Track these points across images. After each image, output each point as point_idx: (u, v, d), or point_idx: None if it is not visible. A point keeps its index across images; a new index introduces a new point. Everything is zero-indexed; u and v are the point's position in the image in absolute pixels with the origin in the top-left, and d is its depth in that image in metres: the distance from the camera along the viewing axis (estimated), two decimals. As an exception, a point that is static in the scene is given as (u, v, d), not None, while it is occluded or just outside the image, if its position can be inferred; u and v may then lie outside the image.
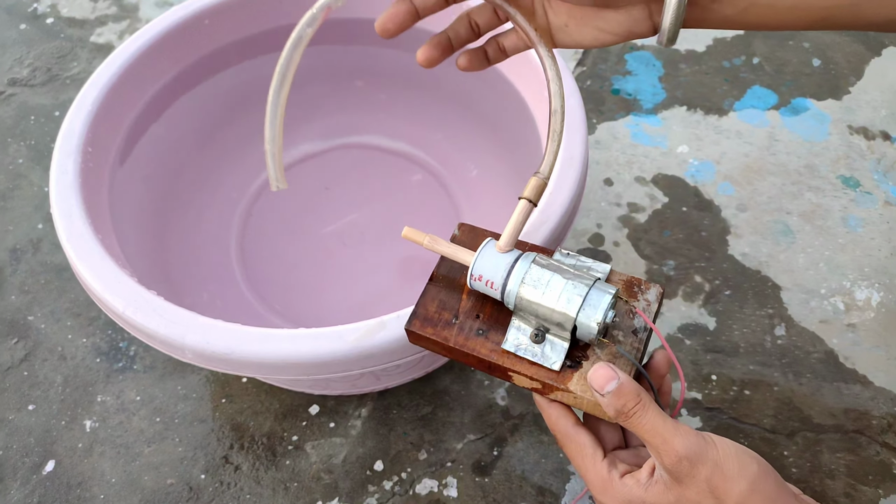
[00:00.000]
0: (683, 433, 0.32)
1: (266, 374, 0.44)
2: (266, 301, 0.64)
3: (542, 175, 0.38)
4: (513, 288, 0.36)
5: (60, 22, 0.91)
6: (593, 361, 0.36)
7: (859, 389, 0.61)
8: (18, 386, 0.63)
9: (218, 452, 0.59)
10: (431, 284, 0.40)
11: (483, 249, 0.37)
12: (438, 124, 0.71)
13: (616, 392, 0.33)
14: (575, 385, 0.35)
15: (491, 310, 0.38)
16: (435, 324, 0.38)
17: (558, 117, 0.38)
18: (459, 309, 0.38)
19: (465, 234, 0.41)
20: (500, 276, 0.36)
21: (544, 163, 0.38)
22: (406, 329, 0.38)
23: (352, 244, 0.67)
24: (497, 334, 0.37)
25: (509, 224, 0.37)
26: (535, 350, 0.36)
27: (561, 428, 0.36)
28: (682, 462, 0.32)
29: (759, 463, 0.33)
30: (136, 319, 0.42)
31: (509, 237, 0.37)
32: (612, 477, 0.35)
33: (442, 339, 0.38)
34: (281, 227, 0.69)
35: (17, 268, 0.70)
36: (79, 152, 0.50)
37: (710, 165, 0.75)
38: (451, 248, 0.38)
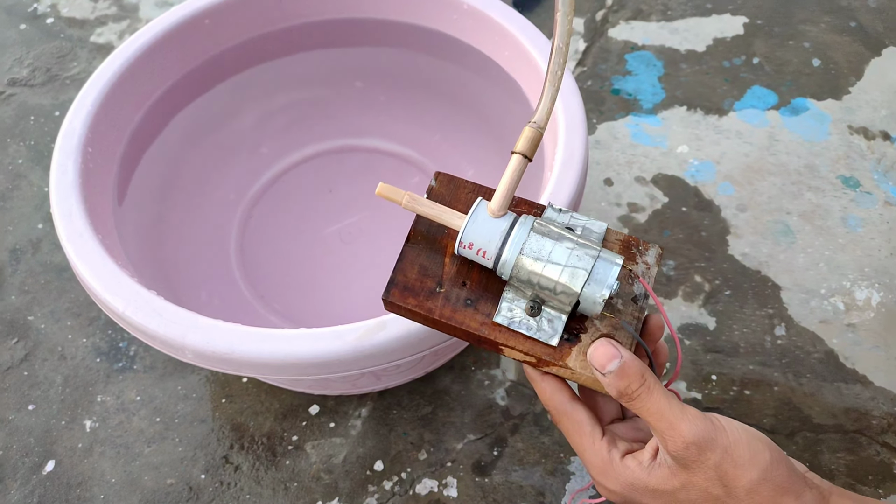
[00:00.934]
0: (691, 417, 0.30)
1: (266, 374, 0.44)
2: (265, 301, 0.64)
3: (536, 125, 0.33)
4: (509, 258, 0.32)
5: (60, 22, 0.91)
6: (592, 334, 0.33)
7: (859, 389, 0.61)
8: (18, 386, 0.63)
9: (218, 452, 0.59)
10: (409, 246, 0.35)
11: (474, 214, 0.32)
12: (437, 124, 0.71)
13: (619, 372, 0.31)
14: (573, 361, 0.33)
15: (478, 276, 0.34)
16: (417, 293, 0.34)
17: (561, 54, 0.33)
18: (443, 275, 0.34)
19: (442, 185, 0.36)
20: (495, 244, 0.32)
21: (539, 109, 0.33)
22: (384, 300, 0.34)
23: (351, 244, 0.67)
24: (487, 304, 0.34)
25: (502, 183, 0.33)
26: (530, 323, 0.33)
27: (556, 404, 0.34)
28: (690, 448, 0.30)
29: (771, 450, 0.31)
30: (136, 319, 0.42)
31: (503, 199, 0.32)
32: (613, 457, 0.33)
33: (426, 311, 0.33)
34: (280, 228, 0.69)
35: (17, 268, 0.70)
36: (79, 152, 0.50)
37: (710, 165, 0.75)
38: (434, 210, 0.34)
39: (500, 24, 0.56)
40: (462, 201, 0.36)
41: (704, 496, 0.31)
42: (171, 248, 0.61)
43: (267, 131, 0.71)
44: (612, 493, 0.33)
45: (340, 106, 0.71)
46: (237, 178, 0.70)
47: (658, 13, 0.89)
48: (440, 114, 0.70)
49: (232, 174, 0.70)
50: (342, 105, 0.71)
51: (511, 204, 0.35)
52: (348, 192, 0.71)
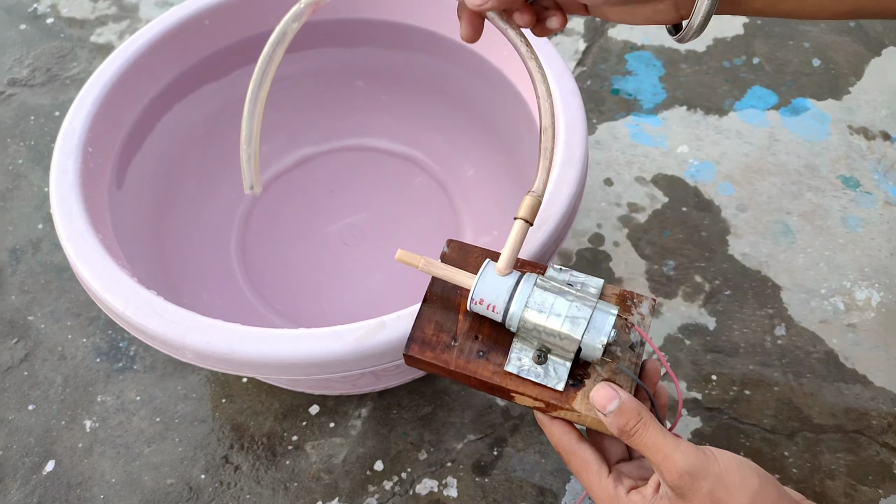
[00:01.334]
0: (684, 449, 0.33)
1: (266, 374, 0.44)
2: (266, 301, 0.64)
3: (535, 193, 0.38)
4: (516, 311, 0.35)
5: (60, 22, 0.91)
6: (595, 379, 0.36)
7: (859, 389, 0.61)
8: (18, 386, 0.63)
9: (218, 452, 0.59)
10: (426, 305, 0.39)
11: (483, 273, 0.36)
12: (438, 125, 0.71)
13: (618, 411, 0.33)
14: (579, 404, 0.36)
15: (490, 330, 0.38)
16: (434, 347, 0.37)
17: (549, 134, 0.38)
18: (458, 330, 0.38)
19: (454, 251, 0.41)
20: (503, 300, 0.36)
21: (537, 181, 0.38)
22: (405, 354, 0.38)
23: (353, 245, 0.67)
24: (498, 355, 0.37)
25: (507, 246, 0.37)
26: (538, 371, 0.36)
27: (565, 445, 0.37)
28: (684, 477, 0.32)
29: (759, 475, 0.33)
30: (136, 319, 0.42)
31: (508, 259, 0.37)
32: (619, 493, 0.35)
33: (443, 363, 0.37)
34: (281, 227, 0.69)
35: (17, 268, 0.70)
36: (79, 152, 0.50)
37: (710, 165, 0.75)
38: (448, 272, 0.38)
39: (500, 25, 0.56)
40: (471, 265, 0.40)
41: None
42: (173, 248, 0.61)
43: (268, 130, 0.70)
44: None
45: (342, 105, 0.71)
46: (237, 177, 0.70)
47: (658, 13, 0.89)
48: (442, 114, 0.70)
49: (232, 173, 0.69)
50: (343, 104, 0.71)
51: (516, 265, 0.39)
52: (350, 192, 0.71)
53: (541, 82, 0.39)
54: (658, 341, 0.64)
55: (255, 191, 0.38)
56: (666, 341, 0.64)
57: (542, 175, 0.38)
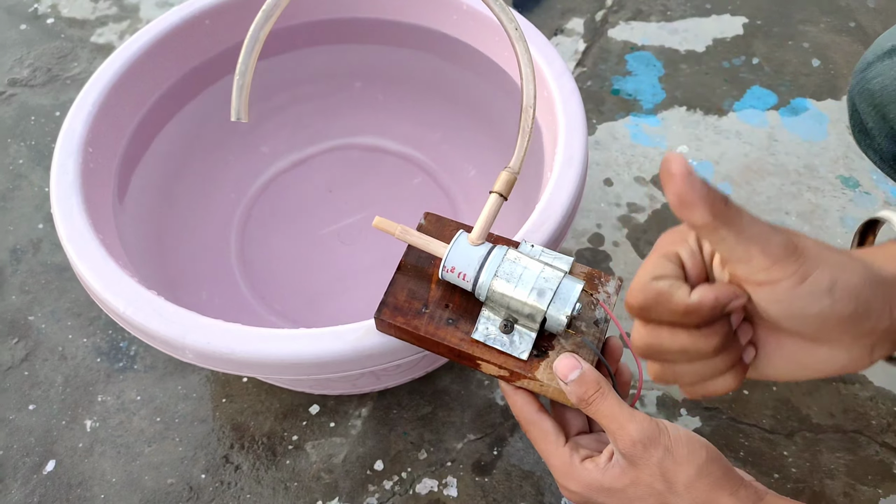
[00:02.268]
0: (639, 419, 0.34)
1: (266, 374, 0.44)
2: (265, 301, 0.64)
3: (512, 170, 0.39)
4: (485, 280, 0.37)
5: (61, 22, 0.92)
6: (559, 351, 0.37)
7: (858, 389, 0.61)
8: (19, 386, 0.63)
9: (218, 452, 0.59)
10: (400, 273, 0.40)
11: (456, 242, 0.38)
12: (437, 124, 0.71)
13: (578, 380, 0.35)
14: (541, 374, 0.37)
15: (460, 299, 0.39)
16: (405, 313, 0.39)
17: (529, 114, 0.40)
18: (429, 298, 0.39)
19: (431, 223, 0.42)
20: (473, 268, 0.37)
21: (514, 157, 0.39)
22: (375, 318, 0.39)
23: (350, 244, 0.67)
24: (466, 324, 0.38)
25: (481, 217, 0.38)
26: (503, 340, 0.37)
27: (525, 414, 0.38)
28: (636, 446, 0.33)
29: (707, 449, 0.34)
30: (136, 319, 0.43)
31: (481, 230, 0.38)
32: (574, 461, 0.36)
33: (412, 328, 0.38)
34: (280, 227, 0.69)
35: (18, 268, 0.70)
36: (79, 152, 0.50)
37: (710, 166, 0.76)
38: (422, 239, 0.39)
39: (500, 25, 0.56)
40: (447, 237, 0.40)
41: (649, 491, 0.34)
42: (172, 248, 0.62)
43: (267, 130, 0.71)
44: (574, 494, 0.37)
45: (340, 105, 0.71)
46: (237, 177, 0.70)
47: (658, 13, 0.89)
48: (440, 113, 0.70)
49: (232, 173, 0.70)
50: (342, 104, 0.71)
51: (490, 239, 0.41)
52: (348, 193, 0.71)
53: (526, 64, 0.40)
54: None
55: (241, 118, 0.39)
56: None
57: (518, 153, 0.40)
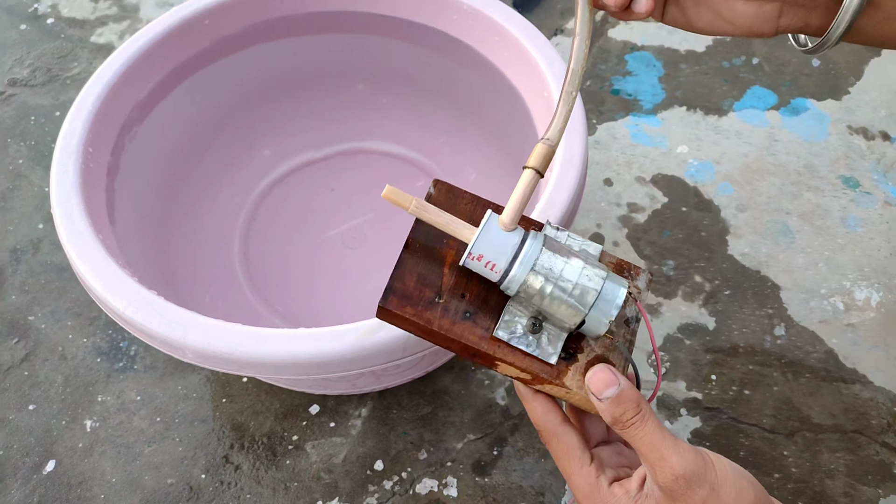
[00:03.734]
0: (682, 451, 0.31)
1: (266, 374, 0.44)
2: (268, 303, 0.64)
3: (550, 142, 0.33)
4: (519, 274, 0.31)
5: (61, 22, 0.92)
6: (588, 354, 0.33)
7: (859, 389, 0.61)
8: (19, 386, 0.63)
9: (218, 452, 0.59)
10: (408, 253, 0.34)
11: (486, 226, 0.32)
12: (439, 127, 0.71)
13: (616, 399, 0.31)
14: (570, 380, 0.32)
15: (478, 287, 0.33)
16: (415, 302, 0.33)
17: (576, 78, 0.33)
18: (442, 285, 0.33)
19: (441, 193, 0.36)
20: (506, 259, 0.31)
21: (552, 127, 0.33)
22: (380, 307, 0.33)
23: (354, 247, 0.67)
24: (486, 318, 0.33)
25: (514, 196, 0.32)
26: (530, 340, 0.32)
27: (547, 425, 0.34)
28: (679, 481, 0.30)
29: (756, 490, 0.32)
30: (136, 319, 0.43)
31: (514, 212, 0.32)
32: (601, 484, 0.33)
33: (424, 322, 0.32)
34: (284, 230, 0.69)
35: (18, 268, 0.70)
36: (79, 152, 0.50)
37: (710, 165, 0.76)
38: (442, 217, 0.33)
39: (500, 25, 0.56)
40: (461, 211, 0.35)
41: None
42: (175, 250, 0.61)
43: (270, 133, 0.71)
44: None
45: (343, 109, 0.71)
46: (241, 180, 0.70)
47: (658, 13, 0.89)
48: (443, 117, 0.70)
49: (236, 176, 0.70)
50: (344, 108, 0.71)
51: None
52: (351, 196, 0.71)
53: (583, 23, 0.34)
54: (658, 341, 0.64)
55: None
56: (666, 341, 0.64)
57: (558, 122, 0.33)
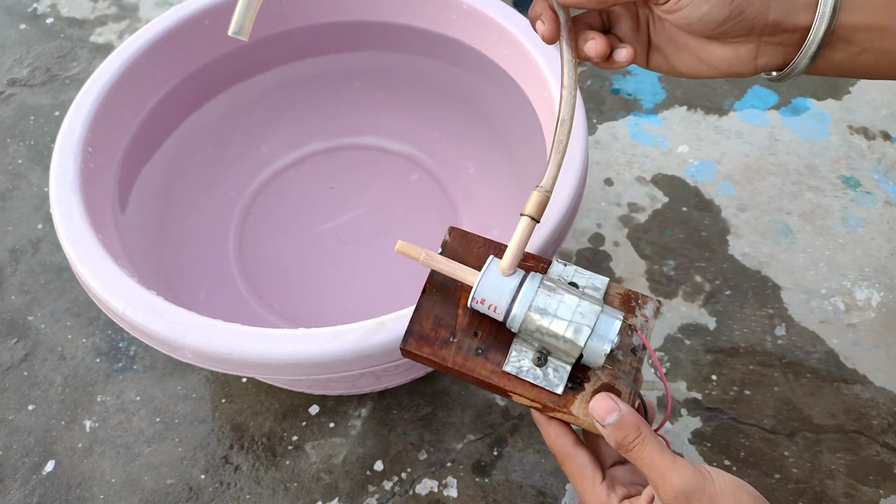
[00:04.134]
0: (680, 467, 0.32)
1: (266, 374, 0.44)
2: (263, 300, 0.64)
3: (544, 189, 0.36)
4: (518, 314, 0.34)
5: (60, 22, 0.91)
6: (594, 383, 0.36)
7: (859, 389, 0.61)
8: (18, 386, 0.63)
9: (218, 452, 0.59)
10: (425, 297, 0.37)
11: (486, 272, 0.35)
12: (435, 122, 0.71)
13: (617, 425, 0.33)
14: (577, 409, 0.35)
15: (489, 326, 0.37)
16: (432, 342, 0.36)
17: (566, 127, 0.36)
18: (456, 326, 0.37)
19: (455, 240, 0.39)
20: (505, 301, 0.35)
21: (546, 176, 0.36)
22: (402, 349, 0.37)
23: (349, 242, 0.67)
24: (497, 354, 0.36)
25: (512, 244, 0.35)
26: (536, 372, 0.35)
27: (560, 448, 0.36)
28: (679, 497, 0.32)
29: (754, 500, 0.33)
30: (135, 319, 0.42)
31: (512, 259, 0.35)
32: (611, 501, 0.35)
33: (440, 360, 0.36)
34: (279, 226, 0.69)
35: (17, 268, 0.70)
36: (79, 152, 0.50)
37: (710, 165, 0.75)
38: (449, 266, 0.36)
39: (500, 24, 0.56)
40: (474, 255, 0.38)
41: None
42: (172, 247, 0.61)
43: (266, 130, 0.71)
44: None
45: (339, 104, 0.71)
46: (236, 175, 0.70)
47: (658, 13, 0.89)
48: (438, 111, 0.70)
49: (231, 172, 0.70)
50: (340, 103, 0.71)
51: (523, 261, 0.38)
52: (346, 191, 0.71)
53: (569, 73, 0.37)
54: (658, 341, 0.64)
55: (241, 36, 0.34)
56: (666, 341, 0.64)
57: (552, 170, 0.36)
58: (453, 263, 0.36)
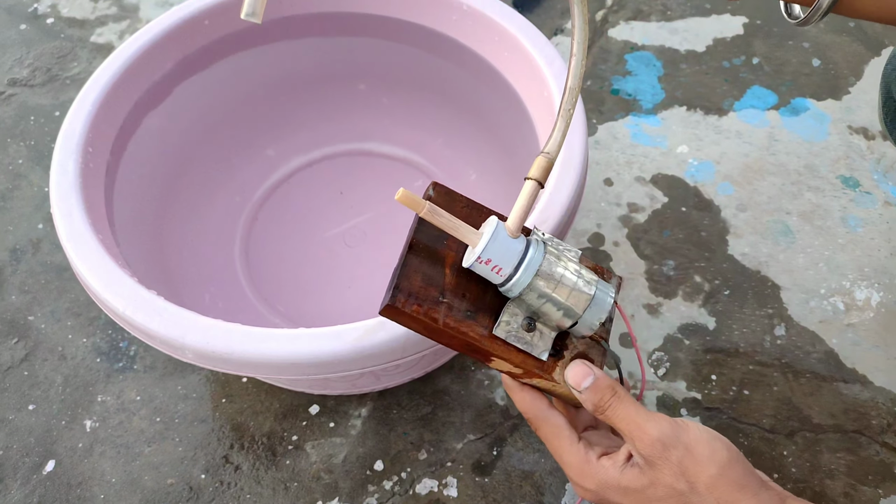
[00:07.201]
0: (657, 419, 0.34)
1: (266, 374, 0.44)
2: (269, 303, 0.64)
3: (549, 154, 0.35)
4: (524, 279, 0.34)
5: (60, 22, 0.91)
6: (572, 351, 0.36)
7: (859, 389, 0.61)
8: (19, 386, 0.63)
9: (218, 452, 0.59)
10: (412, 254, 0.35)
11: (495, 232, 0.34)
12: (439, 128, 0.71)
13: (592, 387, 0.35)
14: (558, 375, 0.36)
15: (476, 289, 0.36)
16: (422, 301, 0.34)
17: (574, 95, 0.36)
18: (445, 285, 0.35)
19: (440, 196, 0.37)
20: (512, 264, 0.34)
21: (552, 140, 0.35)
22: (388, 304, 0.34)
23: (354, 246, 0.68)
24: (485, 317, 0.35)
25: (518, 206, 0.34)
26: (525, 338, 0.35)
27: (536, 411, 0.37)
28: (656, 445, 0.33)
29: (729, 449, 0.34)
30: (136, 319, 0.42)
31: (519, 220, 0.34)
32: (590, 458, 0.36)
33: (430, 320, 0.34)
34: (285, 230, 0.69)
35: (18, 268, 0.70)
36: (79, 152, 0.50)
37: (710, 165, 0.76)
38: (453, 222, 0.34)
39: (500, 25, 0.56)
40: (457, 214, 0.36)
41: (670, 492, 0.34)
42: (175, 249, 0.61)
43: (271, 134, 0.71)
44: (589, 492, 0.36)
45: (344, 109, 0.71)
46: (242, 180, 0.70)
47: (658, 13, 0.89)
48: (442, 118, 0.70)
49: (237, 176, 0.70)
50: (346, 108, 0.71)
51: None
52: (352, 196, 0.71)
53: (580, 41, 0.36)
54: (658, 341, 0.64)
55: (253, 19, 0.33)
56: (666, 341, 0.64)
57: (557, 136, 0.35)
58: (456, 220, 0.34)
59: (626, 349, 0.64)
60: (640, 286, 0.67)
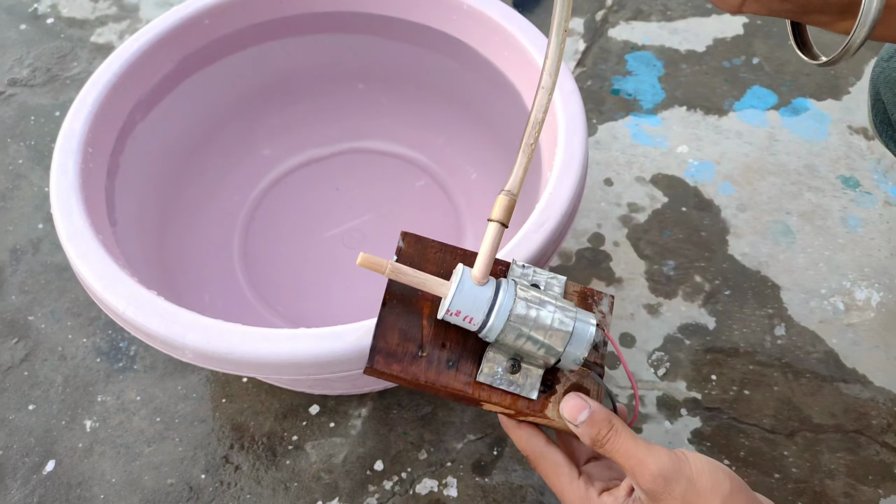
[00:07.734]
0: (656, 452, 0.33)
1: (266, 374, 0.44)
2: (267, 302, 0.64)
3: (510, 192, 0.34)
4: (497, 324, 0.33)
5: (61, 22, 0.91)
6: (564, 384, 0.36)
7: (859, 389, 0.61)
8: (19, 386, 0.63)
9: (218, 452, 0.59)
10: (386, 310, 0.35)
11: (460, 283, 0.33)
12: (439, 127, 0.71)
13: (588, 421, 0.34)
14: (551, 411, 0.35)
15: (456, 335, 0.35)
16: (400, 359, 0.34)
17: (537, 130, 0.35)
18: (423, 338, 0.35)
19: (410, 245, 0.37)
20: (482, 311, 0.33)
21: (512, 178, 0.34)
22: (368, 367, 0.34)
23: (353, 247, 0.67)
24: (468, 364, 0.35)
25: (483, 251, 0.34)
26: (511, 379, 0.35)
27: (533, 448, 0.36)
28: (657, 480, 0.32)
29: (731, 479, 0.33)
30: (136, 319, 0.42)
31: (485, 266, 0.33)
32: (591, 495, 0.35)
33: (411, 377, 0.34)
34: (284, 230, 0.69)
35: (18, 268, 0.70)
36: (79, 152, 0.50)
37: (710, 165, 0.76)
38: (418, 277, 0.34)
39: (500, 25, 0.56)
40: (430, 260, 0.37)
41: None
42: (174, 250, 0.61)
43: (270, 133, 0.71)
44: None
45: (343, 108, 0.71)
46: (240, 179, 0.70)
47: (658, 13, 0.89)
48: (442, 116, 0.70)
49: (235, 176, 0.70)
50: (345, 107, 0.71)
51: None
52: (351, 196, 0.71)
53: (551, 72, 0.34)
54: (658, 341, 0.64)
55: None
56: (666, 341, 0.64)
57: (517, 172, 0.34)
58: (421, 274, 0.34)
59: (626, 349, 0.64)
60: (640, 286, 0.67)
